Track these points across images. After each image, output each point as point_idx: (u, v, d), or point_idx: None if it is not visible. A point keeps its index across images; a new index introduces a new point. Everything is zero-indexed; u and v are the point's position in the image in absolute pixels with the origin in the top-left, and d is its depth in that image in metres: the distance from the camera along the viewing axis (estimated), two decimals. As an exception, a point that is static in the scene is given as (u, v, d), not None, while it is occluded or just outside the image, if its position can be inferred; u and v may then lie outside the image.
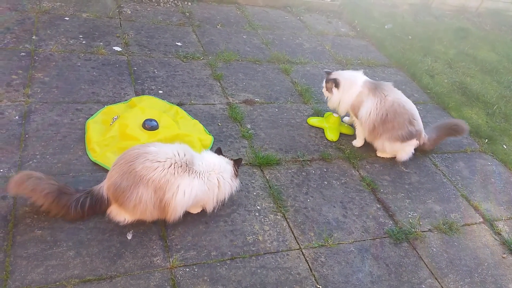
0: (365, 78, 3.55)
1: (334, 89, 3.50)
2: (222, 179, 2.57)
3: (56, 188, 2.38)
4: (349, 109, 3.54)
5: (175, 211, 2.40)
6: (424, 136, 3.60)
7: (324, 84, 3.61)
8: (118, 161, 2.40)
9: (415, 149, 3.61)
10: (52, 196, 2.35)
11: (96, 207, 2.45)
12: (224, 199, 2.63)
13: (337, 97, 3.52)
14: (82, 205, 2.40)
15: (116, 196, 2.37)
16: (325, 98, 3.66)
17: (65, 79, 3.52)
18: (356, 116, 3.51)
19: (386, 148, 3.53)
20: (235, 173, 2.65)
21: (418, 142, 3.57)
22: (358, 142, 3.68)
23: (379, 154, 3.64)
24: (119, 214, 2.46)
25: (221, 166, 2.58)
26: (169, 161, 2.36)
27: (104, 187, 2.43)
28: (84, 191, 2.47)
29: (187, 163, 2.42)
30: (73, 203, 2.39)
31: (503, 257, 3.03)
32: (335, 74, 3.55)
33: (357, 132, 3.67)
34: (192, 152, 2.52)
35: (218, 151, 2.72)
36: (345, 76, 3.55)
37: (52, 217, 2.41)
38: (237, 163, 2.68)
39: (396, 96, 3.46)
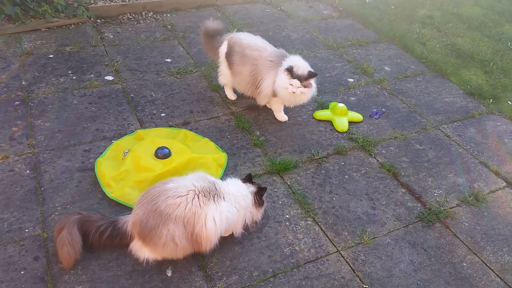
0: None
1: None
2: (245, 203, 2.53)
3: (78, 219, 2.38)
4: None
5: (209, 241, 2.37)
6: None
7: None
8: (141, 199, 2.37)
9: None
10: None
11: (116, 239, 2.41)
12: (249, 223, 2.62)
13: None
14: (100, 234, 2.38)
15: (143, 234, 2.32)
16: None
17: (66, 121, 3.46)
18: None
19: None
20: (256, 201, 2.56)
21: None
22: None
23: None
24: (141, 251, 2.40)
25: (243, 191, 2.53)
26: (192, 193, 2.32)
27: (129, 223, 2.40)
28: (109, 219, 2.45)
29: (209, 190, 2.38)
30: (92, 229, 2.38)
31: (534, 218, 3.05)
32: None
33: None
34: (209, 177, 2.48)
35: (248, 178, 2.63)
36: None
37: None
38: (260, 192, 2.57)
39: None
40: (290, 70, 3.26)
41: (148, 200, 2.31)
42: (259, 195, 2.56)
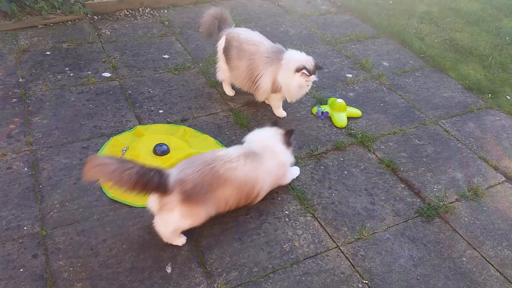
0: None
1: None
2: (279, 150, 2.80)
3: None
4: None
5: (262, 193, 2.76)
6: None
7: None
8: (192, 161, 2.46)
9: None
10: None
11: (149, 185, 2.21)
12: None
13: None
14: (138, 174, 2.16)
15: (193, 194, 2.32)
16: None
17: (63, 118, 3.44)
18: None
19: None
20: (285, 141, 2.83)
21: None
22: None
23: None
24: (173, 209, 2.32)
25: (272, 139, 2.81)
26: (242, 158, 2.56)
27: (175, 178, 2.32)
28: (153, 169, 2.25)
29: (251, 151, 2.64)
30: (130, 169, 2.16)
31: (533, 212, 3.05)
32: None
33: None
34: (241, 146, 2.75)
35: (274, 123, 2.91)
36: None
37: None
38: (288, 133, 2.83)
39: None
40: (307, 70, 3.28)
41: (203, 163, 2.42)
42: (288, 136, 2.83)
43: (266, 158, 2.68)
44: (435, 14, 5.91)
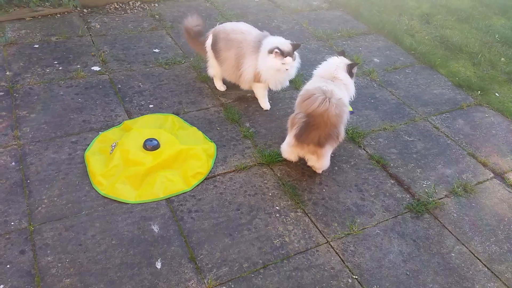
0: None
1: None
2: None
3: None
4: None
5: None
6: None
7: None
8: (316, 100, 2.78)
9: None
10: None
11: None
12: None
13: None
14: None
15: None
16: None
17: (52, 112, 3.39)
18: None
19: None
20: (348, 71, 3.16)
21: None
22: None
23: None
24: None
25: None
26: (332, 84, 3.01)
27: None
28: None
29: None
30: None
31: (520, 208, 3.09)
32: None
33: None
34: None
35: (342, 53, 3.30)
36: None
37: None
38: (351, 65, 3.15)
39: None
40: (281, 50, 3.20)
41: (336, 97, 2.82)
42: (350, 67, 3.13)
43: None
44: (425, 10, 5.94)
